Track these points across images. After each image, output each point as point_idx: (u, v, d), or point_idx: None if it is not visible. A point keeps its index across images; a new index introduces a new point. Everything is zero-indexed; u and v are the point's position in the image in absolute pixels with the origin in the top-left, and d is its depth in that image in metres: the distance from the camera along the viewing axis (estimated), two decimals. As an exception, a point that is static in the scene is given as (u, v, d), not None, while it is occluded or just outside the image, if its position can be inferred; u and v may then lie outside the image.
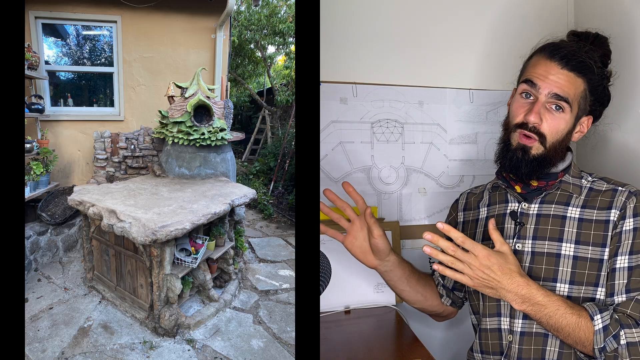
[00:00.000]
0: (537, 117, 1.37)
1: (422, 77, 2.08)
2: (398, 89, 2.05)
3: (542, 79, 1.38)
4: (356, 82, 2.00)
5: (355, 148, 2.02)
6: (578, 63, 1.37)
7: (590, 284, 1.35)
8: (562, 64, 1.37)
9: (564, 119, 1.38)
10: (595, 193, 1.41)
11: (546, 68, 1.38)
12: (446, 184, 2.13)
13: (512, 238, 1.47)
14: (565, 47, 1.39)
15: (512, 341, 1.44)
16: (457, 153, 2.14)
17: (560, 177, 1.45)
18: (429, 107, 2.09)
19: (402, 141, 2.07)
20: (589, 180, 1.45)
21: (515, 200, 1.50)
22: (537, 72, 1.39)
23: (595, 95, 1.42)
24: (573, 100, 1.37)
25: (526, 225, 1.46)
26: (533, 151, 1.39)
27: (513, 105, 1.45)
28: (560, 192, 1.44)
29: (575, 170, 1.47)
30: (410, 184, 2.09)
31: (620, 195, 1.36)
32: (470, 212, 1.65)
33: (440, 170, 2.12)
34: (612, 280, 1.31)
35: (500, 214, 1.53)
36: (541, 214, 1.45)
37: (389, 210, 2.06)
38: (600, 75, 1.41)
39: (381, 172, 2.06)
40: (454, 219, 1.70)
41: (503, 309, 1.47)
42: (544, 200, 1.45)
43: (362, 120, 2.02)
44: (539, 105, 1.38)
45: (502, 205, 1.54)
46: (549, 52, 1.40)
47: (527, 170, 1.41)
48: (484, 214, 1.60)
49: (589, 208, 1.39)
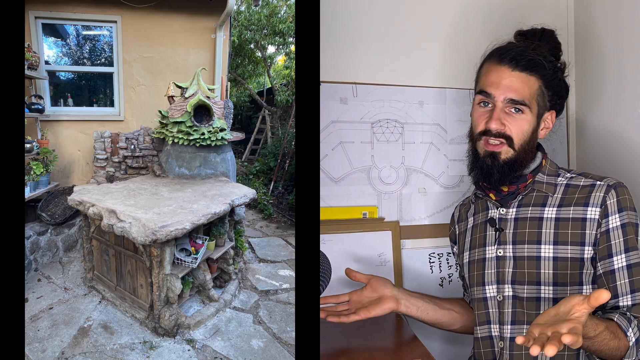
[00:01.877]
0: (499, 123, 1.37)
1: (422, 77, 2.08)
2: (398, 89, 2.05)
3: (495, 87, 1.37)
4: (356, 82, 2.00)
5: (355, 148, 2.02)
6: (528, 62, 1.36)
7: (574, 283, 1.33)
8: (512, 66, 1.36)
9: (525, 119, 1.38)
10: (572, 189, 1.39)
11: (498, 74, 1.38)
12: (446, 184, 2.13)
13: (494, 245, 1.47)
14: (513, 49, 1.39)
15: (504, 347, 1.43)
16: (457, 153, 2.14)
17: (530, 178, 1.44)
18: (429, 107, 2.09)
19: (402, 141, 2.07)
20: (566, 177, 1.43)
21: (494, 207, 1.50)
22: (489, 80, 1.39)
23: (552, 89, 1.42)
24: (530, 100, 1.37)
25: (505, 231, 1.45)
26: (503, 156, 1.39)
27: (473, 115, 1.45)
28: (536, 194, 1.43)
29: (550, 169, 1.46)
30: (410, 184, 2.09)
31: (598, 190, 1.34)
32: (462, 223, 1.66)
33: (440, 170, 2.12)
34: (612, 282, 1.30)
35: (482, 222, 1.54)
36: (519, 217, 1.44)
37: (389, 210, 2.06)
38: (552, 69, 1.40)
39: (381, 172, 2.05)
40: (453, 232, 1.72)
41: (492, 316, 1.46)
42: (520, 203, 1.45)
43: (362, 120, 2.02)
44: (498, 111, 1.37)
45: (483, 212, 1.55)
46: (497, 56, 1.40)
47: (498, 176, 1.40)
48: (471, 223, 1.61)
49: (565, 206, 1.38)
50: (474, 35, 2.10)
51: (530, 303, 1.38)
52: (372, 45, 2.01)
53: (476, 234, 1.56)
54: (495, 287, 1.45)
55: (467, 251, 1.58)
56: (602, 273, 1.31)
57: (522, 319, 1.39)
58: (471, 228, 1.59)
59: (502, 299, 1.43)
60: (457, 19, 2.10)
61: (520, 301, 1.39)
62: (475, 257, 1.53)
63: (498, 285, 1.44)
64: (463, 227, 1.65)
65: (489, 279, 1.47)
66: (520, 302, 1.39)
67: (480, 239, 1.53)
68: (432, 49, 2.08)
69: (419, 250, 2.09)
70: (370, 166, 2.05)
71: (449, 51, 2.09)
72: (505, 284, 1.42)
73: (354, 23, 1.99)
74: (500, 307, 1.43)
